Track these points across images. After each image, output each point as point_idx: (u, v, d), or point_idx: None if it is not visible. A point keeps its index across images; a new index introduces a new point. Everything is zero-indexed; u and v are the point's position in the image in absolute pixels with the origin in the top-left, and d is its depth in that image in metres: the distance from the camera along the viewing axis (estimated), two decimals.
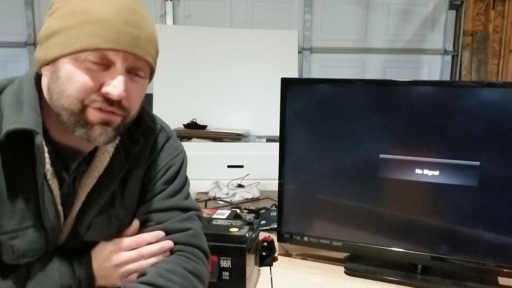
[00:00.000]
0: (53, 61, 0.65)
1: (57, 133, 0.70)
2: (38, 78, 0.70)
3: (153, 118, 0.84)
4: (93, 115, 0.66)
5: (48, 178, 0.69)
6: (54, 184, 0.70)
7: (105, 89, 0.64)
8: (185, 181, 0.85)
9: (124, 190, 0.78)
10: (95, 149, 0.74)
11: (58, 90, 0.65)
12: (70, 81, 0.64)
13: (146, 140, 0.80)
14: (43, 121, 0.68)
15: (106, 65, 0.65)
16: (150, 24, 0.69)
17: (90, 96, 0.65)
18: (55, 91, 0.66)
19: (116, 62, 0.65)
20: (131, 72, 0.68)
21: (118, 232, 0.78)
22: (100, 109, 0.66)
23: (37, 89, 0.69)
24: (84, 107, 0.65)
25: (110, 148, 0.75)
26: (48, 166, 0.68)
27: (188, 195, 0.85)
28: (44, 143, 0.67)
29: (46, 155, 0.68)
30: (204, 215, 1.06)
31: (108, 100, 0.65)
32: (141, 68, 0.69)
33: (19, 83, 0.70)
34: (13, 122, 0.65)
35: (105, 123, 0.67)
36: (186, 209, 0.81)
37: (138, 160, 0.79)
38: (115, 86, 0.64)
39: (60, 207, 0.72)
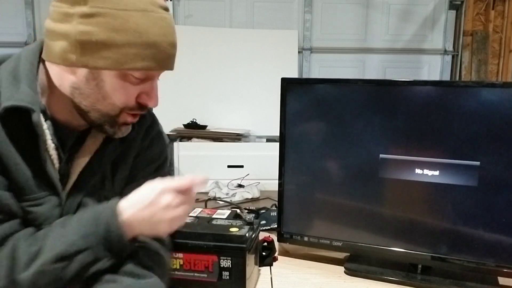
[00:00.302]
0: (95, 69, 0.67)
1: (56, 110, 0.73)
2: (38, 56, 0.72)
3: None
4: (124, 118, 0.73)
5: (50, 153, 0.71)
6: (55, 159, 0.73)
7: (145, 101, 0.72)
8: (167, 173, 0.88)
9: (115, 173, 0.81)
10: (89, 129, 0.77)
11: (97, 96, 0.69)
12: (115, 92, 0.69)
13: (140, 127, 0.83)
14: (43, 98, 0.71)
15: (147, 78, 0.71)
16: (176, 35, 0.73)
17: (129, 106, 0.72)
18: (92, 96, 0.69)
19: (155, 77, 0.73)
20: None
21: None
22: (133, 115, 0.73)
23: (36, 67, 0.71)
24: (120, 112, 0.72)
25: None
26: (49, 141, 0.71)
27: None
28: (43, 119, 0.69)
29: (46, 131, 0.70)
30: (204, 215, 1.07)
31: (143, 107, 0.73)
32: None
33: (16, 59, 0.72)
34: (9, 98, 0.66)
35: (130, 123, 0.75)
36: None
37: (131, 145, 0.82)
38: (153, 98, 0.73)
39: (59, 184, 0.73)
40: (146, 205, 0.70)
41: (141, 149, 0.84)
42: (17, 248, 0.66)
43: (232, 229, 0.94)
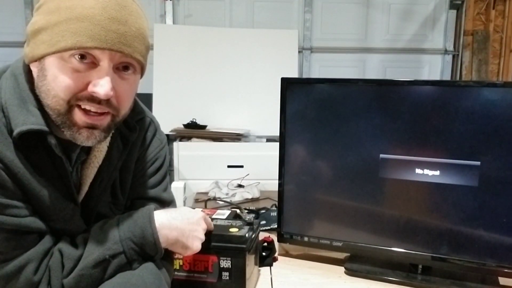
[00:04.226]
0: (40, 58, 0.65)
1: (54, 127, 0.71)
2: (28, 71, 0.70)
3: (144, 109, 0.86)
4: (78, 117, 0.65)
5: (65, 166, 0.71)
6: (69, 170, 0.72)
7: (91, 89, 0.63)
8: (166, 173, 0.90)
9: (123, 178, 0.81)
10: None
11: (44, 89, 0.65)
12: (55, 81, 0.63)
13: (140, 130, 0.82)
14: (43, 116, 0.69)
15: (92, 63, 0.64)
16: (138, 19, 0.67)
17: (77, 96, 0.64)
18: (42, 90, 0.65)
19: (102, 61, 0.64)
20: (119, 69, 0.67)
21: None
22: (86, 112, 0.65)
23: (29, 83, 0.69)
24: (70, 107, 0.65)
25: (108, 138, 0.76)
26: (63, 156, 0.70)
27: (167, 187, 0.90)
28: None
29: (58, 145, 0.69)
30: None
31: (95, 99, 0.64)
32: (130, 64, 0.68)
33: (13, 77, 0.69)
34: (24, 122, 0.65)
35: (91, 127, 0.66)
36: (163, 202, 0.87)
37: (132, 149, 0.81)
38: (102, 85, 0.63)
39: (77, 197, 0.75)
40: (183, 219, 0.78)
41: (140, 153, 0.84)
42: (63, 254, 0.69)
43: (232, 230, 0.94)
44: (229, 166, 2.25)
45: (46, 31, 0.63)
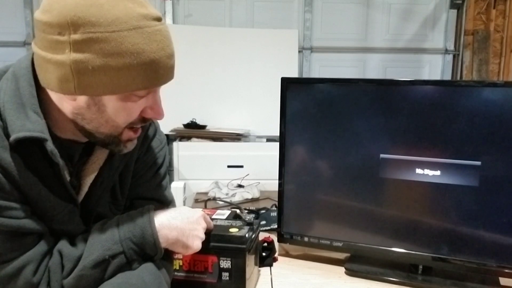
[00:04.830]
0: (96, 95, 0.66)
1: (59, 128, 0.71)
2: (33, 72, 0.69)
3: None
4: (127, 135, 0.72)
5: (62, 173, 0.71)
6: (66, 173, 0.72)
7: (149, 116, 0.71)
8: (166, 173, 0.90)
9: (122, 180, 0.82)
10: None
11: (100, 120, 0.68)
12: (118, 115, 0.68)
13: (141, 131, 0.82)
14: (47, 119, 0.69)
15: (149, 92, 0.69)
16: (172, 44, 0.71)
17: (132, 122, 0.70)
18: (95, 120, 0.68)
19: (157, 90, 0.71)
20: None
21: None
22: (134, 130, 0.72)
23: (32, 86, 0.68)
24: (123, 130, 0.71)
25: None
26: (60, 161, 0.69)
27: (166, 187, 0.91)
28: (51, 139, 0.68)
29: (56, 151, 0.69)
30: None
31: (146, 120, 0.72)
32: None
33: (14, 79, 0.68)
34: (21, 128, 0.64)
35: (134, 138, 0.73)
36: (163, 202, 0.88)
37: (133, 152, 0.81)
38: (158, 113, 0.71)
39: (76, 198, 0.75)
40: (183, 218, 0.78)
41: (140, 153, 0.84)
42: (63, 255, 0.70)
43: (232, 230, 0.94)
44: (229, 166, 2.25)
45: (106, 74, 0.62)
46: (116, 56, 0.62)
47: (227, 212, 1.10)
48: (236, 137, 2.42)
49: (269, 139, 2.56)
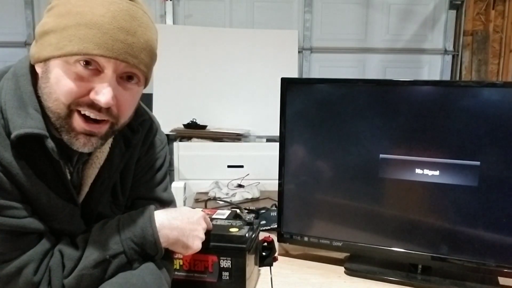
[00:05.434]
0: (45, 60, 0.65)
1: (56, 129, 0.70)
2: (33, 72, 0.69)
3: (146, 110, 0.86)
4: (77, 123, 0.66)
5: (63, 170, 0.71)
6: (66, 173, 0.72)
7: (93, 96, 0.64)
8: (166, 174, 0.90)
9: (123, 179, 0.81)
10: None
11: (47, 91, 0.65)
12: (58, 84, 0.64)
13: (142, 131, 0.82)
14: (43, 118, 0.68)
15: (96, 70, 0.64)
16: (148, 31, 0.68)
17: (78, 101, 0.64)
18: (45, 92, 0.66)
19: (106, 69, 0.64)
20: (123, 79, 0.67)
21: None
22: (86, 119, 0.66)
23: (33, 84, 0.69)
24: (70, 112, 0.65)
25: (109, 139, 0.76)
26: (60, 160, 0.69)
27: (167, 187, 0.90)
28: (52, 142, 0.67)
29: (56, 149, 0.68)
30: None
31: (95, 106, 0.65)
32: (134, 75, 0.68)
33: (14, 78, 0.69)
34: (22, 125, 0.64)
35: (89, 134, 0.67)
36: (163, 202, 0.87)
37: (134, 150, 0.81)
38: (104, 94, 0.63)
39: (77, 197, 0.75)
40: (184, 218, 0.79)
41: (141, 153, 0.84)
42: (64, 255, 0.70)
43: (232, 229, 0.94)
44: (229, 166, 2.25)
45: (54, 34, 0.63)
46: (65, 16, 0.63)
47: (227, 212, 1.10)
48: (236, 137, 2.43)
49: (269, 139, 2.56)
